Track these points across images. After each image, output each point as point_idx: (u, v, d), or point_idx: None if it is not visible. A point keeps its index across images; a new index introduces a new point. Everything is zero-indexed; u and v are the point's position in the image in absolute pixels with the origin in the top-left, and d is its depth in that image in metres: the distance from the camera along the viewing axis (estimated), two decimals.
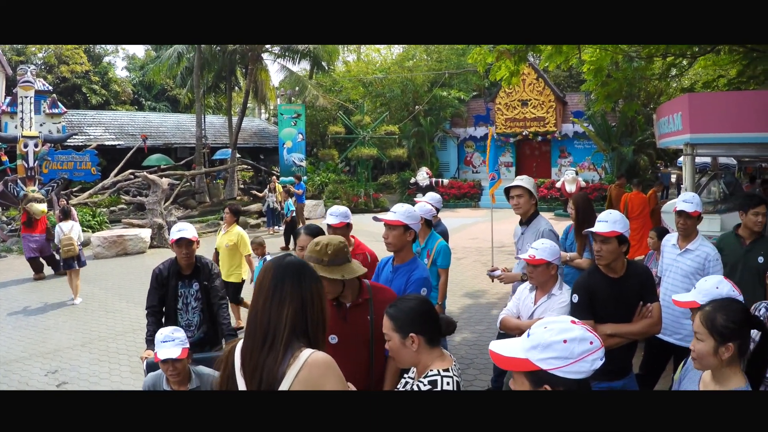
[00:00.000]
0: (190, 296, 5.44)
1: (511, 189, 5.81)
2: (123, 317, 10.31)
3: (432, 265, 6.06)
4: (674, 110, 9.67)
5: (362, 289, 3.78)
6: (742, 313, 2.62)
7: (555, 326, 2.02)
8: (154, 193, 18.85)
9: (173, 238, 5.30)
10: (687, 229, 5.20)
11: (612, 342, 4.02)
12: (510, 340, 2.11)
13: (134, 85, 45.64)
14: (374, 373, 3.80)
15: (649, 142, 26.29)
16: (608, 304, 4.14)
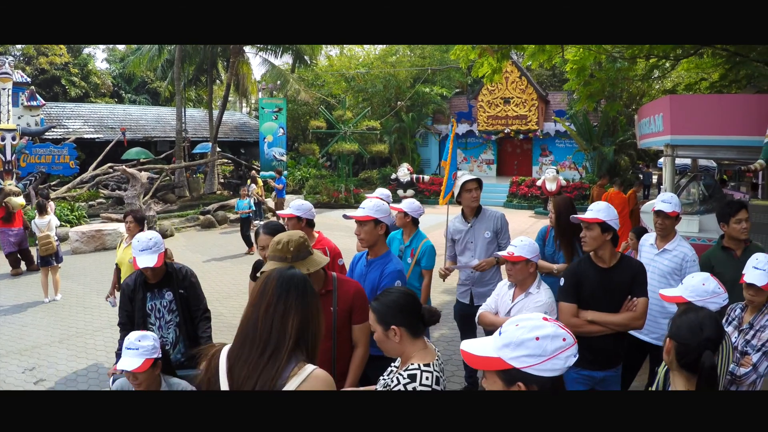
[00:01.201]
0: (163, 308, 4.78)
1: (468, 183, 5.89)
2: (101, 313, 10.17)
3: (416, 265, 6.02)
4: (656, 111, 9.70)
5: (327, 280, 3.89)
6: (693, 333, 2.60)
7: (527, 324, 1.99)
8: (133, 187, 18.69)
9: (133, 256, 4.71)
10: (665, 229, 5.20)
11: (593, 329, 4.17)
12: (481, 339, 2.09)
13: (114, 78, 45.27)
14: (337, 363, 3.89)
15: (630, 142, 26.49)
16: (595, 292, 4.24)
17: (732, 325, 4.16)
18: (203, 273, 13.05)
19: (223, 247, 16.76)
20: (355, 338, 3.96)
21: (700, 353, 2.51)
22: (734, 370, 3.80)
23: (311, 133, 33.17)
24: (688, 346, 2.55)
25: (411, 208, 6.06)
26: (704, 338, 2.52)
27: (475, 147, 33.00)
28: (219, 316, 9.63)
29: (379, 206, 4.54)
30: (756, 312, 4.02)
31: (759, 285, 3.89)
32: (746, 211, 5.15)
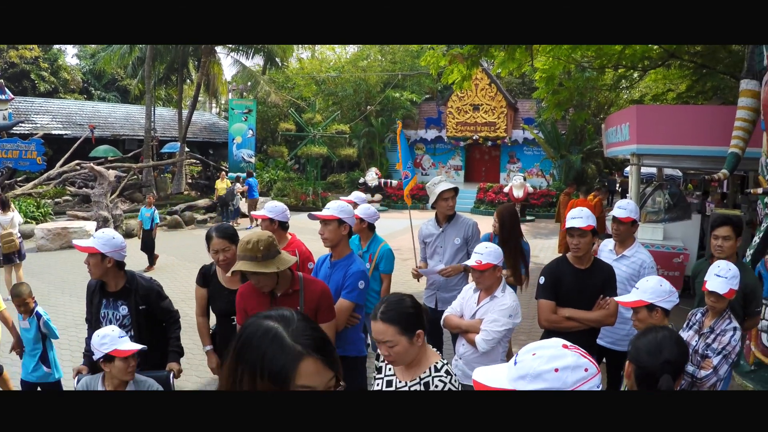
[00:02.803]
0: (115, 321, 4.42)
1: (445, 192, 5.90)
2: (66, 312, 9.99)
3: (375, 270, 6.03)
4: (622, 121, 9.84)
5: (294, 279, 3.93)
6: (652, 356, 2.58)
7: (545, 353, 1.76)
8: (101, 185, 18.45)
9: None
10: (620, 235, 5.30)
11: (570, 325, 4.47)
12: (495, 367, 1.89)
13: (84, 74, 44.68)
14: None
15: (597, 151, 26.80)
16: (571, 291, 4.52)
17: (693, 329, 4.29)
18: (169, 274, 12.94)
19: (190, 248, 16.62)
20: None
21: (659, 377, 2.49)
22: (695, 372, 3.91)
23: (280, 136, 33.06)
24: (647, 370, 2.52)
25: (366, 214, 6.05)
26: (663, 360, 2.49)
27: (443, 153, 33.12)
28: (185, 317, 9.34)
29: (343, 207, 4.65)
30: (717, 317, 4.14)
31: (720, 293, 4.00)
32: (728, 229, 5.01)
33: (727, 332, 4.01)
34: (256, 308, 3.86)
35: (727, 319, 4.10)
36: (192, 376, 7.23)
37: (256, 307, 3.87)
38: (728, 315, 4.13)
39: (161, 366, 4.51)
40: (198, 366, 7.50)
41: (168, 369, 4.43)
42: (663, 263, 9.48)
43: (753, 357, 6.85)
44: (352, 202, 6.69)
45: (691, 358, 4.02)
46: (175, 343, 4.70)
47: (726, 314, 4.12)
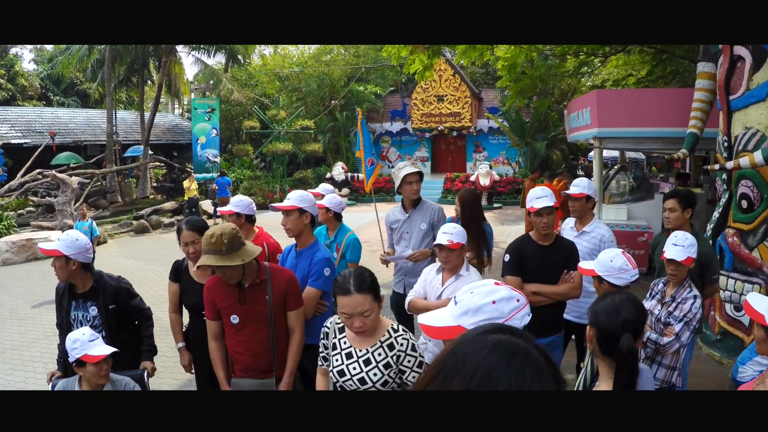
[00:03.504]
0: (86, 322, 4.39)
1: (409, 176, 5.94)
2: (36, 324, 9.87)
3: (341, 259, 6.07)
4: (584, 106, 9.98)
5: (260, 269, 3.97)
6: (610, 317, 2.62)
7: (481, 290, 2.06)
8: (64, 193, 18.22)
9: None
10: (577, 211, 5.53)
11: (536, 299, 4.51)
12: (436, 311, 2.13)
13: (42, 79, 43.88)
14: (276, 351, 4.00)
15: (561, 137, 27.05)
16: (536, 267, 4.68)
17: (655, 298, 4.46)
18: (138, 279, 12.84)
19: (158, 252, 16.50)
20: (290, 325, 4.08)
21: (619, 337, 2.53)
22: (658, 339, 4.05)
23: (245, 134, 32.89)
24: (606, 331, 2.55)
25: (332, 203, 6.09)
26: (621, 321, 2.53)
27: (409, 145, 33.16)
28: (157, 320, 9.33)
29: (303, 196, 4.75)
30: (678, 286, 4.29)
31: (678, 260, 4.16)
32: (674, 201, 5.32)
33: (688, 300, 4.16)
34: (224, 300, 3.92)
35: (687, 288, 4.25)
36: (167, 379, 7.22)
37: (224, 300, 3.92)
38: (688, 284, 4.28)
39: (135, 365, 4.50)
40: (173, 368, 7.48)
41: (142, 368, 4.43)
42: (628, 242, 9.66)
43: (718, 327, 7.03)
44: (319, 194, 6.72)
45: (654, 326, 4.20)
46: (148, 341, 4.70)
47: (686, 283, 4.28)
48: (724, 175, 7.02)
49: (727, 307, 6.80)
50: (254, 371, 4.00)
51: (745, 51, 6.30)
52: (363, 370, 3.09)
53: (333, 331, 3.31)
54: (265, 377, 3.99)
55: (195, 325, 4.65)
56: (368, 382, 3.07)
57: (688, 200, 5.36)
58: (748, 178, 6.37)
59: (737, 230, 6.63)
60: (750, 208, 6.41)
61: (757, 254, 6.36)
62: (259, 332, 3.93)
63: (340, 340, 3.23)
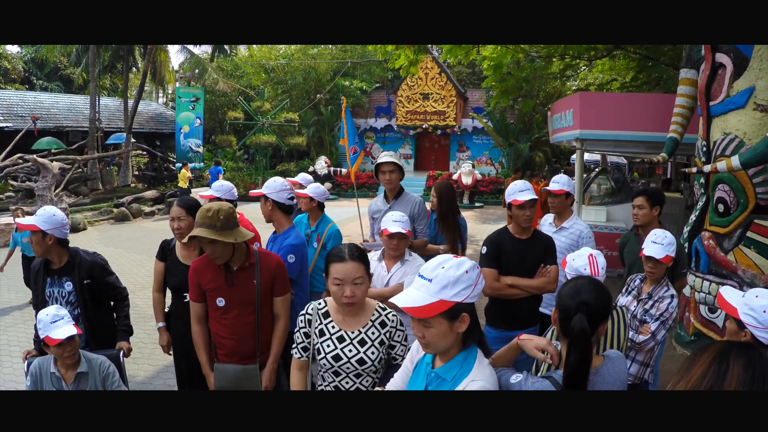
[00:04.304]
0: (61, 298, 4.38)
1: (384, 165, 5.97)
2: (12, 308, 9.84)
3: (323, 249, 6.09)
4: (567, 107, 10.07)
5: (249, 253, 3.96)
6: (571, 297, 2.60)
7: (451, 263, 2.23)
8: (44, 178, 18.01)
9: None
10: (556, 207, 5.61)
11: (512, 292, 4.60)
12: (407, 293, 2.26)
13: (25, 63, 43.40)
14: (261, 335, 3.99)
15: (545, 139, 27.18)
16: (513, 260, 4.65)
17: (632, 294, 4.50)
18: (118, 266, 12.73)
19: (137, 240, 16.43)
20: (276, 311, 4.06)
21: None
22: (633, 337, 4.11)
23: (229, 125, 32.75)
24: (566, 312, 2.53)
25: (316, 193, 6.12)
26: (579, 301, 2.51)
27: (393, 141, 33.20)
28: (134, 307, 9.31)
29: (267, 184, 5.03)
30: (655, 284, 4.34)
31: (657, 258, 4.21)
32: (642, 199, 5.47)
33: (665, 299, 4.21)
34: (211, 282, 3.89)
35: (665, 287, 4.30)
36: (144, 365, 7.20)
37: (211, 281, 3.89)
38: (666, 282, 4.33)
39: (111, 343, 4.49)
40: (150, 354, 7.48)
41: (118, 347, 4.42)
42: (606, 244, 9.74)
43: (692, 328, 7.13)
44: (298, 183, 6.75)
45: (630, 323, 4.18)
46: (124, 321, 4.67)
47: (664, 281, 4.33)
48: (702, 179, 7.12)
49: (701, 309, 6.90)
50: (237, 356, 3.97)
51: (727, 58, 6.39)
52: (360, 350, 3.09)
53: (317, 317, 3.23)
54: (248, 363, 3.97)
55: (177, 307, 4.64)
56: (367, 362, 3.07)
57: (655, 198, 5.46)
58: (725, 182, 6.47)
59: (713, 233, 6.73)
60: (726, 212, 6.50)
61: (732, 257, 6.46)
62: (245, 316, 3.91)
63: (327, 325, 3.19)
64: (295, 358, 3.29)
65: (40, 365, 3.86)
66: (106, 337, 4.53)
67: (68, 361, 3.77)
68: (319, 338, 3.19)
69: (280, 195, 4.94)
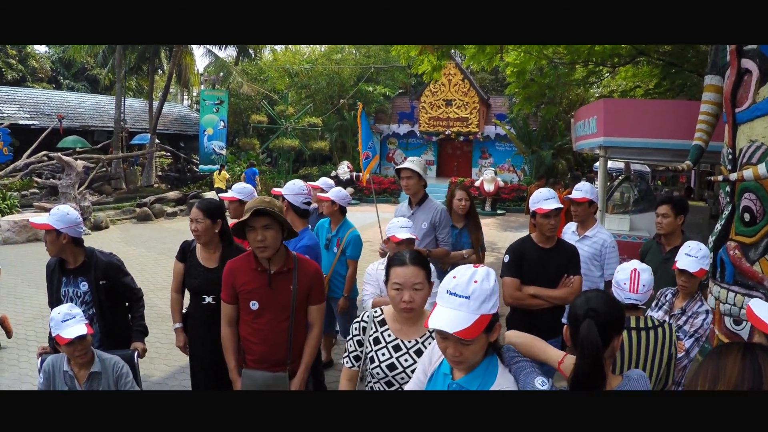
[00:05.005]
0: (77, 298, 4.37)
1: (402, 171, 5.91)
2: (32, 303, 9.90)
3: (341, 255, 6.05)
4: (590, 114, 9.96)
5: (288, 258, 3.84)
6: (580, 307, 2.50)
7: (481, 275, 2.16)
8: (68, 176, 18.19)
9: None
10: (579, 215, 5.51)
11: (534, 302, 4.55)
12: (446, 313, 2.11)
13: (53, 62, 43.87)
14: (293, 343, 3.86)
15: (567, 147, 27.05)
16: (535, 269, 4.58)
17: (662, 309, 4.33)
18: (138, 265, 12.86)
19: (159, 240, 16.53)
20: (311, 319, 3.96)
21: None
22: None
23: (252, 128, 32.88)
24: (575, 320, 2.45)
25: (338, 197, 6.10)
26: (588, 308, 2.42)
27: (416, 147, 33.13)
28: (153, 307, 9.53)
29: (287, 185, 5.30)
30: (689, 298, 4.17)
31: (691, 271, 4.03)
32: (666, 207, 5.33)
33: (699, 315, 4.05)
34: (246, 284, 3.79)
35: (698, 302, 4.14)
36: (160, 365, 7.20)
37: (246, 283, 3.79)
38: (699, 297, 4.17)
39: (126, 343, 4.46)
40: (167, 354, 7.48)
41: (133, 348, 4.40)
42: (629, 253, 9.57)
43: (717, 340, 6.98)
44: (318, 187, 6.73)
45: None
46: (139, 322, 4.64)
47: (697, 296, 4.17)
48: (728, 187, 6.99)
49: (726, 321, 6.76)
50: (267, 363, 3.84)
51: (753, 64, 6.28)
52: (416, 360, 2.96)
53: (372, 325, 3.15)
54: (278, 370, 3.84)
55: (195, 309, 4.60)
56: None
57: (680, 207, 5.33)
58: (751, 191, 6.34)
59: (739, 243, 6.59)
60: (752, 221, 6.38)
61: (758, 268, 6.32)
62: (279, 322, 3.81)
63: (383, 333, 3.11)
64: (346, 367, 3.19)
65: (54, 363, 3.86)
66: (122, 337, 4.50)
67: (79, 360, 3.76)
68: (374, 346, 3.10)
69: (296, 198, 4.94)
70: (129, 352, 4.29)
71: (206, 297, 4.43)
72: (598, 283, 5.35)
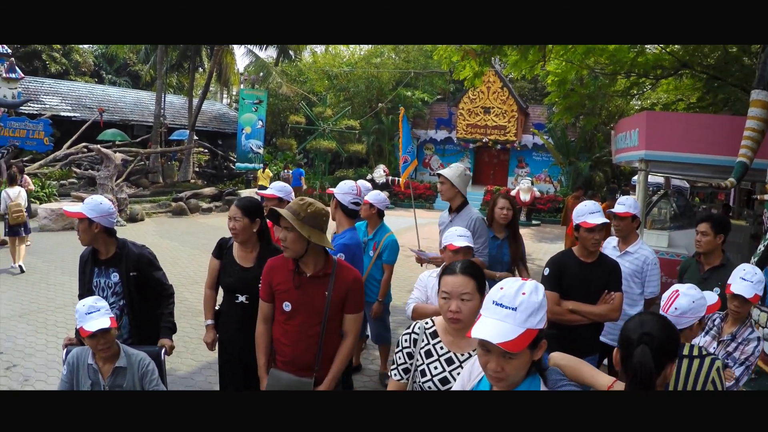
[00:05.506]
0: (108, 289, 4.37)
1: (439, 175, 5.89)
2: (64, 290, 10.03)
3: (377, 259, 5.99)
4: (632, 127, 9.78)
5: (327, 262, 3.75)
6: (633, 331, 2.41)
7: (529, 288, 2.05)
8: (107, 167, 18.41)
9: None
10: (621, 231, 5.33)
11: (573, 318, 4.42)
12: (491, 323, 2.01)
13: (96, 57, 44.56)
14: (323, 350, 3.76)
15: (606, 159, 26.78)
16: (575, 284, 4.46)
17: (710, 334, 4.13)
18: (171, 259, 12.95)
19: (193, 235, 16.65)
20: (346, 328, 3.84)
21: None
22: None
23: (290, 128, 33.04)
24: (628, 344, 2.36)
25: (376, 200, 6.04)
26: (643, 332, 2.34)
27: (452, 154, 33.00)
28: (184, 301, 9.57)
29: (339, 184, 5.18)
30: (739, 324, 3.99)
31: (746, 296, 3.86)
32: (706, 225, 5.16)
33: (750, 342, 3.89)
34: (281, 284, 3.74)
35: (749, 328, 3.97)
36: (187, 359, 7.22)
37: (281, 283, 3.74)
38: (750, 322, 4.00)
39: (155, 336, 4.42)
40: (194, 349, 7.50)
41: (160, 345, 4.34)
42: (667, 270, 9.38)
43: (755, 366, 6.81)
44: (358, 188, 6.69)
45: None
46: (168, 318, 4.57)
47: (748, 321, 4.00)
48: None
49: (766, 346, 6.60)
50: (295, 366, 3.77)
51: None
52: None
53: (424, 337, 3.03)
54: (305, 375, 3.75)
55: (228, 307, 4.56)
56: None
57: (720, 225, 5.15)
58: None
59: None
60: None
61: None
62: (310, 327, 3.73)
63: (435, 346, 2.98)
64: (394, 380, 3.07)
65: (78, 356, 3.83)
66: (152, 330, 4.46)
67: (103, 354, 3.72)
68: (426, 359, 2.98)
69: (344, 197, 4.91)
70: (156, 348, 4.24)
71: (240, 296, 4.40)
72: (638, 301, 5.24)
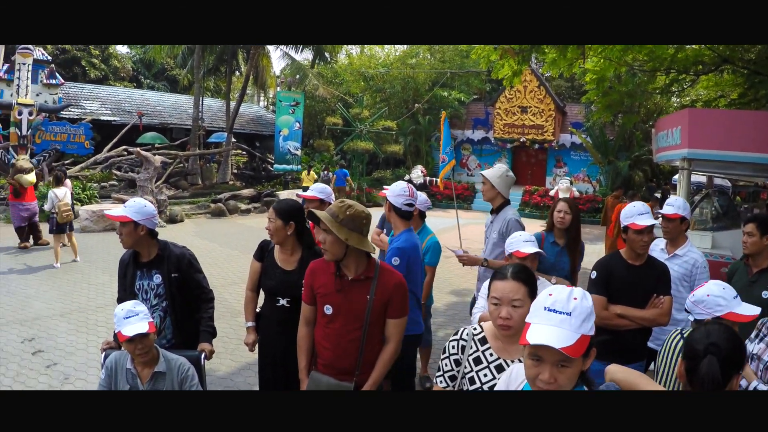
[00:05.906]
0: (150, 291, 4.37)
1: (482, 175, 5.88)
2: (105, 290, 10.20)
3: None
4: (674, 124, 9.60)
5: (369, 266, 3.70)
6: (699, 341, 2.35)
7: (579, 293, 2.00)
8: (146, 170, 18.68)
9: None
10: (670, 233, 5.17)
11: (621, 323, 4.32)
12: (546, 329, 1.93)
13: (134, 62, 45.33)
14: (364, 355, 3.71)
15: (645, 158, 26.41)
16: (623, 287, 4.36)
17: (764, 341, 3.85)
18: (210, 259, 13.06)
19: (232, 236, 16.79)
20: (388, 333, 3.78)
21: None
22: None
23: (327, 130, 33.15)
24: (694, 355, 2.30)
25: (418, 201, 5.99)
26: (709, 342, 2.28)
27: (490, 154, 32.84)
28: (223, 301, 9.64)
29: (392, 186, 4.94)
30: None
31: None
32: (752, 226, 4.95)
33: None
34: (322, 287, 3.70)
35: None
36: (226, 360, 7.26)
37: (323, 286, 3.70)
38: None
39: (196, 338, 4.42)
40: (234, 350, 7.54)
41: (200, 349, 4.33)
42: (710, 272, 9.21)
43: None
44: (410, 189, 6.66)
45: (762, 375, 3.60)
46: (208, 322, 4.56)
47: None
48: None
49: None
50: (335, 369, 3.73)
51: None
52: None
53: (472, 343, 2.95)
54: (344, 379, 3.71)
55: (268, 309, 4.56)
56: None
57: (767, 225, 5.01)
58: None
59: None
60: None
61: None
62: (351, 331, 3.67)
63: (485, 353, 2.91)
64: (439, 386, 3.00)
65: (117, 360, 3.83)
66: (192, 333, 4.46)
67: (141, 359, 3.71)
68: (474, 366, 2.92)
69: (396, 199, 4.87)
70: (196, 353, 4.24)
71: (281, 299, 4.41)
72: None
